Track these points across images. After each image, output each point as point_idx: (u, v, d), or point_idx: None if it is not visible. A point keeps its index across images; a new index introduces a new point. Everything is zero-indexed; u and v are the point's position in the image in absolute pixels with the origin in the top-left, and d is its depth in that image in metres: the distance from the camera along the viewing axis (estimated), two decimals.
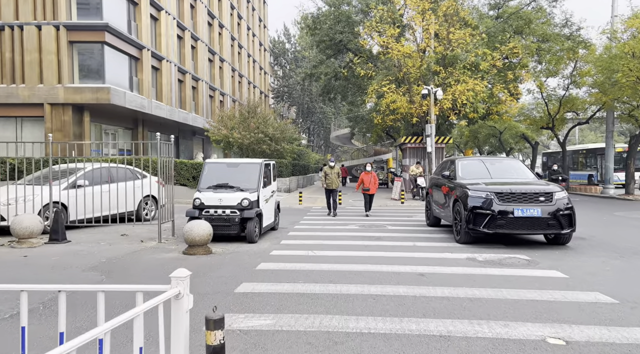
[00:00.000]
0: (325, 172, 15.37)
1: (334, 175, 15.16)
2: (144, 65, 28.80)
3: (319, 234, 10.99)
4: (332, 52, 29.18)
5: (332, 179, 15.11)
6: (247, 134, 25.71)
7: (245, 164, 10.55)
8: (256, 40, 58.39)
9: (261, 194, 10.06)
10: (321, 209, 17.80)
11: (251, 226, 9.49)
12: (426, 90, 20.11)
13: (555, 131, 29.65)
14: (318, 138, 79.93)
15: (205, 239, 8.40)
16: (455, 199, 9.86)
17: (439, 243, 9.62)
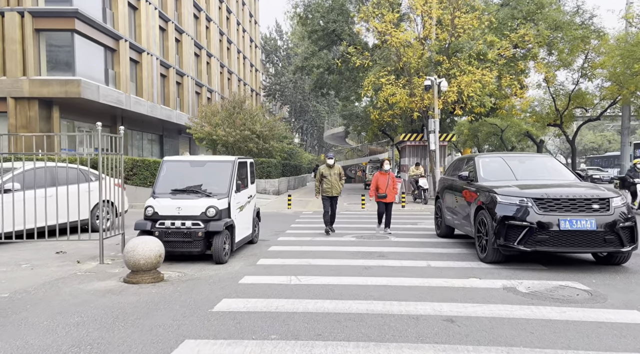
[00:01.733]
0: (321, 174, 10.97)
1: (334, 177, 10.89)
2: (122, 58, 26.59)
3: (308, 249, 8.89)
4: (324, 44, 27.10)
5: (332, 182, 10.86)
6: (232, 131, 23.56)
7: (213, 162, 8.43)
8: (246, 36, 56.25)
9: (233, 200, 7.95)
10: (312, 215, 15.70)
11: (219, 243, 7.38)
12: (429, 81, 18.07)
13: (563, 128, 27.75)
14: (311, 138, 77.84)
15: (153, 263, 6.28)
16: (478, 207, 7.80)
17: (459, 263, 7.55)
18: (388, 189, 10.89)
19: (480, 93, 18.25)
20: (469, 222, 8.39)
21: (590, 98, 27.15)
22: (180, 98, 36.26)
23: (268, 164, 24.45)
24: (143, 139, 33.32)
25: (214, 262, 7.50)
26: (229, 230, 7.81)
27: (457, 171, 9.97)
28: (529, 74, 26.31)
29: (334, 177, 10.94)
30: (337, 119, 49.59)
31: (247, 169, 9.05)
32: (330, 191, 10.95)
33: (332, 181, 10.90)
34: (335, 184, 10.96)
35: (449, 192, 9.76)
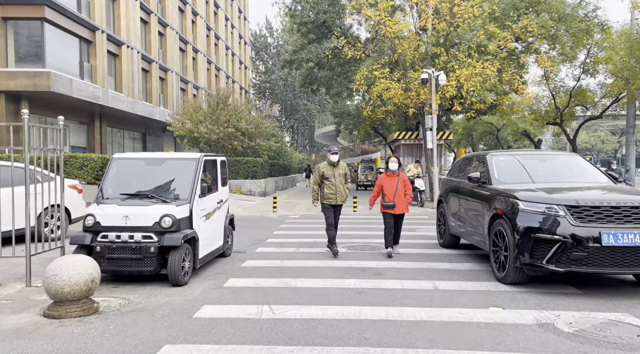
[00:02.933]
0: (321, 175, 8.34)
1: (338, 179, 8.23)
2: (98, 50, 24.97)
3: (290, 264, 7.47)
4: (315, 37, 25.67)
5: (336, 186, 8.21)
6: (215, 129, 22.06)
7: (173, 161, 6.97)
8: (235, 32, 54.68)
9: (197, 207, 6.51)
10: (299, 219, 14.28)
11: (175, 260, 5.93)
12: (426, 74, 16.71)
13: (563, 127, 26.57)
14: (302, 137, 76.39)
15: (82, 291, 4.84)
16: (494, 216, 6.43)
17: (472, 284, 6.17)
18: (398, 195, 8.03)
19: (480, 88, 16.92)
20: (480, 233, 7.01)
21: (590, 95, 25.98)
22: (164, 94, 34.67)
23: (254, 164, 22.99)
24: (124, 137, 31.70)
25: (171, 284, 6.06)
26: (191, 244, 6.36)
27: (463, 172, 8.61)
28: (528, 70, 25.09)
29: (339, 179, 8.20)
30: (328, 117, 48.20)
31: (217, 168, 7.60)
32: (334, 197, 8.17)
33: (336, 184, 8.18)
34: (341, 189, 8.20)
35: (455, 196, 8.38)
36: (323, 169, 8.29)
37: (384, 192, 8.10)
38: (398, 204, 8.05)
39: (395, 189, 8.04)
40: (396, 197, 8.01)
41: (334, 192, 8.18)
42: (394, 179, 8.14)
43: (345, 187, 8.31)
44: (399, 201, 8.04)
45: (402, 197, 8.08)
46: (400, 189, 8.07)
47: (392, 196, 8.02)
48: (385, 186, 8.13)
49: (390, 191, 8.06)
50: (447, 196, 8.84)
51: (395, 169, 8.15)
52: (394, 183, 8.10)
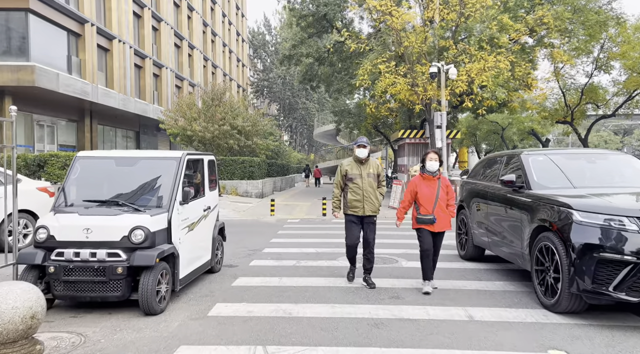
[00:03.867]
0: (344, 174, 6.20)
1: (367, 182, 6.07)
2: (88, 44, 23.76)
3: (289, 283, 6.32)
4: (314, 31, 24.51)
5: (365, 189, 6.05)
6: (210, 126, 20.88)
7: (150, 160, 5.81)
8: (233, 29, 53.48)
9: (177, 216, 5.36)
10: (299, 224, 13.14)
11: (148, 284, 4.78)
12: (435, 68, 15.57)
13: (574, 125, 25.46)
14: (301, 137, 75.26)
15: (18, 330, 3.68)
16: (538, 228, 5.29)
17: (514, 312, 5.02)
18: (439, 206, 5.82)
19: (492, 83, 15.78)
20: (516, 247, 5.88)
21: (602, 93, 24.89)
22: (158, 92, 33.47)
23: (251, 164, 21.82)
24: (117, 136, 30.51)
25: (143, 313, 4.90)
26: (169, 262, 5.21)
27: (488, 174, 7.48)
28: (538, 66, 24.01)
29: (368, 182, 6.02)
30: (328, 116, 47.08)
31: (203, 169, 6.45)
32: (361, 205, 6.01)
33: (363, 188, 6.00)
34: (371, 194, 6.02)
35: (481, 202, 7.24)
36: (347, 168, 6.14)
37: (419, 202, 5.85)
38: (439, 219, 5.79)
39: (436, 198, 5.79)
40: (436, 209, 5.79)
41: (361, 199, 6.00)
42: (433, 183, 5.87)
43: (378, 193, 6.13)
44: (440, 214, 5.81)
45: (443, 208, 5.86)
46: (442, 197, 5.86)
47: (431, 206, 5.78)
48: (422, 193, 5.84)
49: (428, 199, 5.80)
50: (470, 202, 7.69)
51: (435, 169, 5.85)
52: (433, 189, 5.84)
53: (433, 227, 5.83)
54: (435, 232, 5.88)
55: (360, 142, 6.10)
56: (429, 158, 5.91)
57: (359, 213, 6.07)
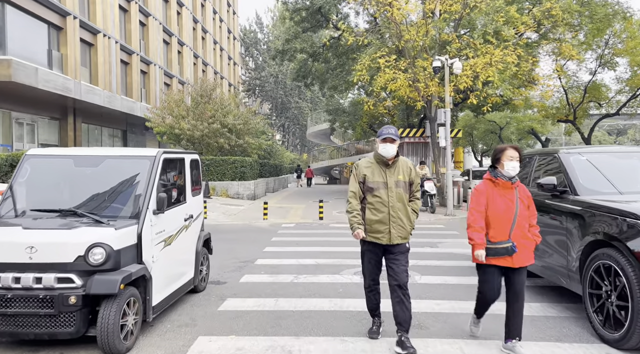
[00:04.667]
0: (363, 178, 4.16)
1: (395, 193, 4.06)
2: (70, 38, 22.55)
3: (287, 305, 5.31)
4: (309, 26, 23.49)
5: (391, 205, 4.05)
6: (199, 124, 19.79)
7: (118, 159, 4.77)
8: (224, 26, 52.33)
9: (150, 228, 4.34)
10: (294, 229, 12.12)
11: (110, 316, 3.75)
12: (439, 62, 14.63)
13: (577, 124, 24.67)
14: (293, 137, 74.19)
15: None
16: (593, 243, 4.33)
17: (567, 347, 4.06)
18: (518, 227, 3.88)
19: (498, 78, 14.87)
20: (559, 264, 4.92)
21: (604, 92, 24.12)
22: (146, 89, 32.26)
23: (242, 164, 20.75)
24: (102, 135, 29.27)
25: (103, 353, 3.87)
26: (139, 286, 4.18)
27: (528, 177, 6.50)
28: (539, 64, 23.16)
29: (397, 193, 4.09)
30: (322, 115, 46.06)
31: (184, 170, 5.41)
32: (386, 229, 4.06)
33: (390, 203, 4.07)
34: (400, 212, 4.09)
35: None
36: (365, 171, 4.13)
37: (489, 221, 3.88)
38: (520, 248, 3.82)
39: (514, 216, 3.83)
40: (515, 231, 3.82)
41: (386, 220, 4.01)
42: (509, 194, 3.90)
43: (411, 211, 4.14)
44: (520, 240, 3.84)
45: (524, 232, 3.88)
46: (522, 214, 3.88)
47: (508, 228, 3.82)
48: (494, 208, 3.87)
49: (502, 217, 3.83)
50: None
51: (515, 172, 3.89)
52: (510, 202, 3.87)
53: (511, 260, 3.80)
54: (513, 268, 3.86)
55: (386, 134, 4.01)
56: (508, 156, 3.85)
57: (383, 241, 4.04)
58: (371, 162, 4.19)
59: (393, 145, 4.05)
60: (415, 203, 4.21)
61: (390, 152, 4.05)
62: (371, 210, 4.08)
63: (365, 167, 4.17)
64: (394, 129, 4.10)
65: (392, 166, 4.11)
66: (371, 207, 4.08)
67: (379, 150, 4.10)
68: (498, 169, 3.95)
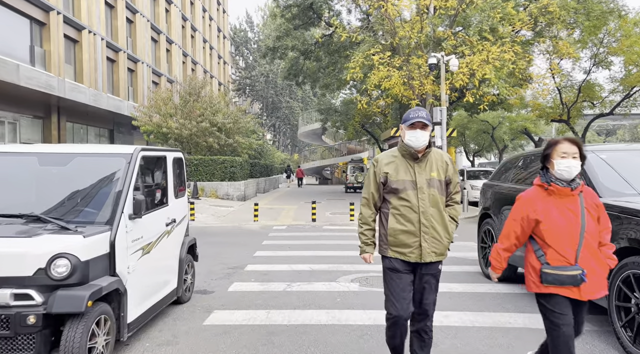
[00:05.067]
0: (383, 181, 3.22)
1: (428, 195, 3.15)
2: (53, 34, 21.84)
3: (280, 318, 4.82)
4: (300, 22, 23.02)
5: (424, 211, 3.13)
6: (187, 123, 19.21)
7: (89, 157, 4.25)
8: (214, 25, 51.67)
9: (125, 235, 3.83)
10: (286, 231, 11.63)
11: (75, 338, 3.24)
12: (435, 59, 14.23)
13: (571, 124, 24.45)
14: (284, 137, 73.64)
15: None
16: (620, 250, 3.90)
17: None
18: (587, 248, 2.86)
19: (495, 76, 14.51)
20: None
21: (597, 91, 23.93)
22: (133, 87, 31.54)
23: (232, 164, 20.20)
24: (88, 134, 28.52)
25: None
26: (112, 301, 3.67)
27: (519, 175, 6.11)
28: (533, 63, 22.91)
29: (430, 196, 3.15)
30: (313, 115, 45.61)
31: (166, 170, 4.90)
32: (417, 243, 3.13)
33: (422, 208, 3.13)
34: (435, 220, 3.16)
35: None
36: (386, 168, 3.22)
37: (546, 239, 2.91)
38: (590, 275, 2.86)
39: (581, 233, 2.85)
40: (583, 253, 2.85)
41: (416, 231, 3.14)
42: (571, 203, 2.91)
43: (448, 219, 3.24)
44: (590, 264, 2.88)
45: (595, 252, 2.90)
46: (591, 230, 2.89)
47: (573, 249, 2.85)
48: (550, 223, 2.90)
49: (564, 235, 2.87)
50: (501, 210, 6.29)
51: (574, 174, 2.89)
52: (573, 215, 2.89)
53: (578, 291, 2.84)
54: (580, 301, 2.90)
55: (415, 118, 3.10)
56: (560, 152, 2.87)
57: (411, 257, 3.13)
58: (394, 156, 3.23)
59: (424, 132, 3.11)
60: (454, 209, 3.27)
61: (422, 141, 3.11)
62: (396, 217, 3.15)
63: (386, 162, 3.21)
64: (425, 112, 3.15)
65: (422, 160, 3.18)
66: (396, 213, 3.15)
67: (405, 139, 3.15)
68: (550, 171, 2.93)
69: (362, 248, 3.33)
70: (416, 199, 3.12)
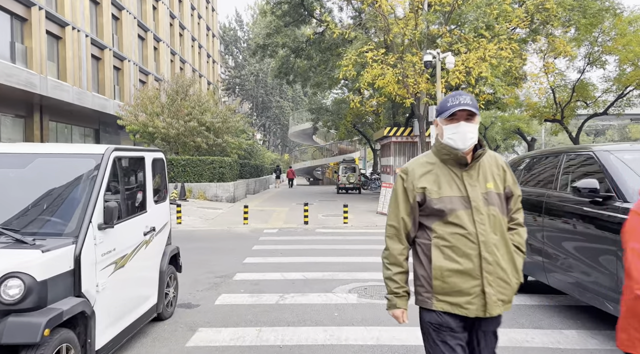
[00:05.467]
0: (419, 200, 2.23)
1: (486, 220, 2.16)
2: (35, 30, 21.10)
3: (273, 337, 4.32)
4: (291, 20, 22.52)
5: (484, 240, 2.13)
6: (174, 122, 18.61)
7: (52, 158, 3.71)
8: (202, 23, 50.93)
9: (93, 248, 3.31)
10: (278, 235, 11.12)
11: None
12: (430, 56, 13.81)
13: (565, 124, 24.26)
14: (274, 137, 73.05)
15: None
16: None
17: None
18: None
19: (491, 74, 14.13)
20: (601, 285, 4.05)
21: (591, 91, 23.77)
22: (119, 86, 30.80)
23: (221, 164, 19.62)
24: (73, 134, 27.75)
25: None
26: (77, 326, 3.15)
27: (531, 177, 5.69)
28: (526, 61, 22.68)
29: (489, 215, 2.18)
30: (304, 114, 45.09)
31: (145, 173, 4.38)
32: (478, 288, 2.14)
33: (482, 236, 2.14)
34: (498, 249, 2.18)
35: (528, 215, 5.39)
36: (423, 181, 2.24)
37: None
38: None
39: None
40: None
41: (474, 269, 2.14)
42: None
43: (513, 248, 2.25)
44: None
45: None
46: None
47: None
48: None
49: None
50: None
51: None
52: None
53: None
54: None
55: (458, 105, 2.17)
56: None
57: (471, 311, 2.15)
58: (431, 163, 2.26)
59: (471, 125, 2.18)
60: (519, 234, 2.31)
61: (469, 139, 2.17)
62: (444, 250, 2.15)
63: (422, 173, 2.24)
64: (469, 96, 2.21)
65: (472, 167, 2.22)
66: (444, 245, 2.16)
67: (444, 137, 2.20)
68: None
69: (390, 301, 2.27)
70: (472, 224, 2.13)
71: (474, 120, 2.20)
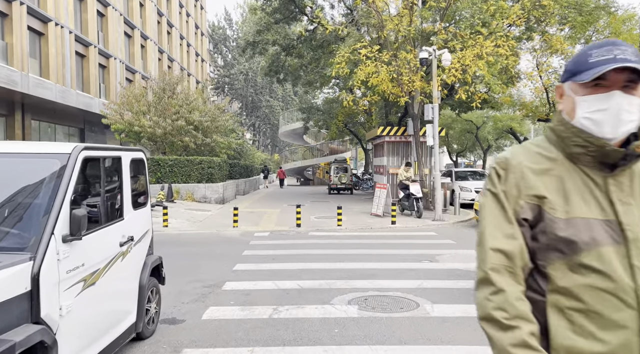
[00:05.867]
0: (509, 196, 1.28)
1: None
2: (16, 25, 20.37)
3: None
4: (281, 17, 22.01)
5: None
6: (161, 121, 18.01)
7: (10, 158, 3.19)
8: (191, 21, 50.21)
9: (56, 264, 2.81)
10: (269, 238, 10.62)
11: None
12: (426, 53, 13.40)
13: None
14: (264, 137, 72.39)
15: None
16: None
17: None
18: None
19: (488, 72, 13.77)
20: None
21: None
22: (105, 84, 30.05)
23: (210, 164, 19.04)
24: (56, 133, 26.97)
25: None
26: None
27: None
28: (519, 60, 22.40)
29: None
30: (294, 114, 44.55)
31: (121, 175, 3.87)
32: None
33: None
34: None
35: None
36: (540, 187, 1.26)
37: None
38: None
39: None
40: None
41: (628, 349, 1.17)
42: None
43: None
44: None
45: None
46: None
47: None
48: None
49: None
50: None
51: None
52: None
53: None
54: None
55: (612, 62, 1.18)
56: None
57: None
58: (550, 158, 1.31)
59: (633, 97, 1.23)
60: None
61: (626, 122, 1.24)
62: (570, 316, 1.23)
63: (537, 173, 1.29)
64: (632, 48, 1.23)
65: (624, 170, 1.28)
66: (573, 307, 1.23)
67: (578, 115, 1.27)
68: None
69: None
70: (626, 270, 1.21)
71: (637, 89, 1.24)
